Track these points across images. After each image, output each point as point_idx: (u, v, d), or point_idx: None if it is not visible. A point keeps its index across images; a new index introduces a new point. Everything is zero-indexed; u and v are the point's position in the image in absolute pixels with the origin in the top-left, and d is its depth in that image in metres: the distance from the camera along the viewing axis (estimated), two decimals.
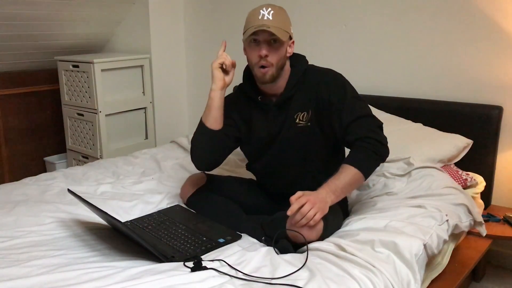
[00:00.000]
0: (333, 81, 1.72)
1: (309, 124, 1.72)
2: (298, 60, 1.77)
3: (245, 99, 1.81)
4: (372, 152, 1.61)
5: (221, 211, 1.80)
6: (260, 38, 1.62)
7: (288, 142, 1.76)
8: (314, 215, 1.45)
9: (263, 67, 1.64)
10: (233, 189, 1.93)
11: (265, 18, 1.60)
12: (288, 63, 1.74)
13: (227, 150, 1.84)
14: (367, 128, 1.65)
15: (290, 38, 1.70)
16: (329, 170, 1.69)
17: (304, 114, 1.72)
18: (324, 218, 1.52)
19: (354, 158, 1.61)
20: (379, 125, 1.69)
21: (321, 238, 1.54)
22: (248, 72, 1.79)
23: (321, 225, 1.51)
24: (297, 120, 1.73)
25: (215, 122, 1.74)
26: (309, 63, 1.79)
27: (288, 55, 1.71)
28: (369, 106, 1.76)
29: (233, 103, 1.83)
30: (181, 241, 1.57)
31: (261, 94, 1.77)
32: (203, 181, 1.93)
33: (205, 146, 1.77)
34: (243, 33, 1.67)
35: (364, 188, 1.99)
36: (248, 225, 1.70)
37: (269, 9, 1.62)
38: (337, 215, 1.70)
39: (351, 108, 1.67)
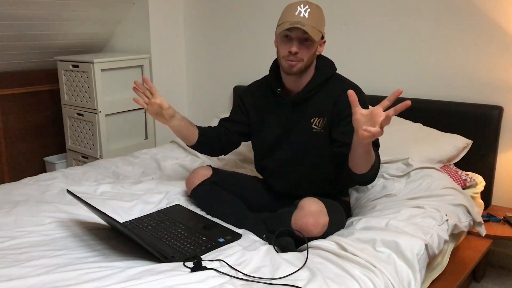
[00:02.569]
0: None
1: (322, 131, 1.73)
2: (326, 64, 1.77)
3: (265, 90, 1.86)
4: (377, 163, 1.57)
5: (224, 205, 1.82)
6: (292, 35, 1.62)
7: (300, 145, 1.76)
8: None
9: (291, 61, 1.65)
10: (237, 185, 1.94)
11: (301, 15, 1.60)
12: (314, 63, 1.73)
13: (227, 145, 1.97)
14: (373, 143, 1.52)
15: (322, 37, 1.70)
16: (337, 180, 1.72)
17: (320, 120, 1.73)
18: (329, 215, 1.53)
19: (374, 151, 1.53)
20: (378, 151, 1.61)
21: (325, 234, 1.54)
22: (275, 64, 1.82)
23: (326, 220, 1.53)
24: (313, 125, 1.73)
25: (188, 140, 1.93)
26: None
27: (317, 53, 1.72)
28: None
29: (250, 92, 1.92)
30: (181, 241, 1.57)
31: (282, 88, 1.79)
32: (208, 174, 1.94)
33: (200, 151, 2.04)
34: (278, 26, 1.67)
35: (363, 189, 1.99)
36: (250, 221, 1.71)
37: (307, 6, 1.62)
38: (341, 214, 1.70)
39: None
